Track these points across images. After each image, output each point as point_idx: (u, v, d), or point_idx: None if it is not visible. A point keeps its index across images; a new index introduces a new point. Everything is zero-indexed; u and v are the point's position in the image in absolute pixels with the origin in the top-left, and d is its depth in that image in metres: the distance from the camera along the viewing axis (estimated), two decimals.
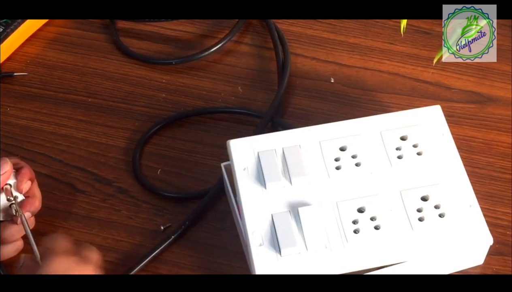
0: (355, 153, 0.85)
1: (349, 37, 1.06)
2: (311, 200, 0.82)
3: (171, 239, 0.87)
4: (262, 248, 0.79)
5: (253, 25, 1.08)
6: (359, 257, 0.79)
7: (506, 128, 0.96)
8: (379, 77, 1.02)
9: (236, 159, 0.85)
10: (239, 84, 1.01)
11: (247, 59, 1.05)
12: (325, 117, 0.97)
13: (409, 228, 0.80)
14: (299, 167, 0.83)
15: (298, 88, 1.01)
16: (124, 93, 1.01)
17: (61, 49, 1.06)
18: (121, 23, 1.08)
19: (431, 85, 1.00)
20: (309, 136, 0.86)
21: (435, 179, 0.83)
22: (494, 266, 0.85)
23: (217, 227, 0.89)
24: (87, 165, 0.94)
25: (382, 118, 0.87)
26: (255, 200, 0.82)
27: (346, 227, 0.80)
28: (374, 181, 0.83)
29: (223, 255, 0.87)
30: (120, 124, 0.98)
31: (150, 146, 0.96)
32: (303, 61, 1.03)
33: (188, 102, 1.00)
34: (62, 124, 0.98)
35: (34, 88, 1.02)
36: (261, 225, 0.80)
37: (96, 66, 1.04)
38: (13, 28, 1.04)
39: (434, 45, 1.04)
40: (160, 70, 1.03)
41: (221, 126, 0.98)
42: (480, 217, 0.81)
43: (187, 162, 0.94)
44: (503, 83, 1.00)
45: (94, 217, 0.90)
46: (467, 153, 0.93)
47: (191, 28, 1.08)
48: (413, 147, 0.85)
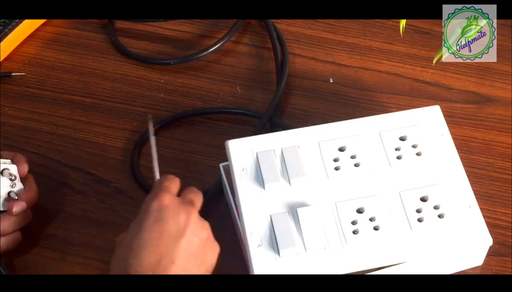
0: (354, 153, 0.84)
1: (348, 37, 1.06)
2: (310, 200, 0.82)
3: None
4: (261, 248, 0.79)
5: (252, 25, 1.08)
6: (358, 258, 0.79)
7: (506, 129, 0.96)
8: (378, 77, 1.01)
9: (234, 160, 0.84)
10: (238, 84, 1.01)
11: (245, 59, 1.04)
12: (324, 117, 0.97)
13: (408, 229, 0.80)
14: (298, 167, 0.83)
15: (297, 88, 1.01)
16: (122, 94, 1.01)
17: (59, 49, 1.06)
18: (119, 23, 1.08)
19: (430, 86, 1.00)
20: (308, 136, 0.86)
21: (435, 180, 0.83)
22: (494, 267, 0.85)
23: (216, 227, 0.89)
24: (85, 165, 0.94)
25: (381, 119, 0.87)
26: (254, 200, 0.82)
27: (345, 228, 0.80)
28: (373, 182, 0.83)
29: (222, 255, 0.86)
30: (118, 125, 0.98)
31: (148, 146, 0.96)
32: (302, 61, 1.03)
33: (186, 102, 1.00)
34: (60, 124, 0.98)
35: (32, 88, 1.02)
36: (259, 225, 0.80)
37: (94, 66, 1.04)
38: (11, 28, 1.04)
39: (434, 45, 1.04)
40: (159, 71, 1.03)
41: (219, 126, 0.97)
42: (479, 218, 0.81)
43: (186, 162, 0.94)
44: (503, 83, 1.00)
45: (92, 217, 0.90)
46: (466, 153, 0.93)
47: (190, 28, 1.08)
48: (412, 147, 0.85)
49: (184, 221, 0.75)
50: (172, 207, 0.76)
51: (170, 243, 0.73)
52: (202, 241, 0.76)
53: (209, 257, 0.77)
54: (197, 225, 0.76)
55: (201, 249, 0.76)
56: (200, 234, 0.76)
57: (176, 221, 0.75)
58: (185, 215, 0.75)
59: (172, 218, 0.75)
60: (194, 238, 0.75)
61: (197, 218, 0.76)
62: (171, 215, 0.75)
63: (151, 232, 0.74)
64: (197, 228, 0.76)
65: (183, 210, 0.76)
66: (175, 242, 0.74)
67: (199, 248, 0.75)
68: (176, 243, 0.74)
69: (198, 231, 0.76)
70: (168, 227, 0.74)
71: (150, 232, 0.74)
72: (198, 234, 0.76)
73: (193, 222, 0.76)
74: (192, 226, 0.75)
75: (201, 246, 0.76)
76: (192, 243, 0.75)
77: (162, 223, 0.74)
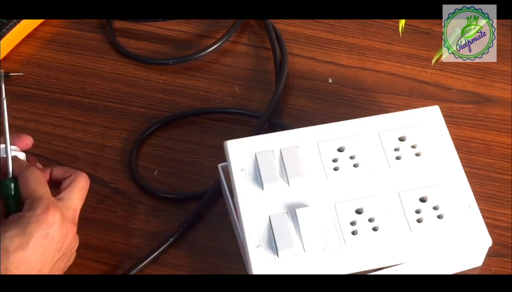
0: (353, 153, 0.84)
1: (347, 37, 1.05)
2: (309, 201, 0.81)
3: (169, 243, 0.86)
4: (260, 249, 0.79)
5: (251, 25, 1.08)
6: (357, 259, 0.78)
7: (506, 129, 0.95)
8: (377, 77, 1.01)
9: (233, 160, 0.84)
10: (237, 84, 1.01)
11: (244, 59, 1.04)
12: (323, 117, 0.96)
13: (407, 229, 0.80)
14: (297, 167, 0.83)
15: (296, 88, 1.00)
16: (120, 94, 1.01)
17: (57, 49, 1.05)
18: (117, 23, 1.08)
19: (430, 86, 1.00)
20: (307, 137, 0.86)
21: (434, 180, 0.83)
22: (493, 268, 0.85)
23: (214, 228, 0.89)
24: (83, 165, 0.94)
25: (380, 119, 0.87)
26: (253, 201, 0.82)
27: (344, 228, 0.79)
28: (372, 182, 0.83)
29: (220, 256, 0.86)
30: (117, 125, 0.98)
31: (146, 147, 0.96)
32: (300, 61, 1.03)
33: (185, 102, 0.99)
34: (58, 125, 0.98)
35: (30, 88, 1.01)
36: (258, 226, 0.80)
37: (92, 66, 1.03)
38: (8, 28, 1.03)
39: (433, 45, 1.03)
40: (157, 71, 1.03)
41: (218, 127, 0.97)
42: (479, 218, 0.81)
43: (184, 163, 0.94)
44: (503, 83, 1.00)
45: (90, 218, 0.89)
46: (466, 153, 0.93)
47: (188, 28, 1.08)
48: (411, 147, 0.85)
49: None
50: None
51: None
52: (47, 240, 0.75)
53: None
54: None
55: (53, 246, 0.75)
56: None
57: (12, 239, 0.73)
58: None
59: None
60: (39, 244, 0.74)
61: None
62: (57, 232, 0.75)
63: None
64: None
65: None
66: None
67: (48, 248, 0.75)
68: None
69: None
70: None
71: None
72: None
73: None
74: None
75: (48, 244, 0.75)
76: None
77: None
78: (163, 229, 0.88)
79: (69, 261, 0.80)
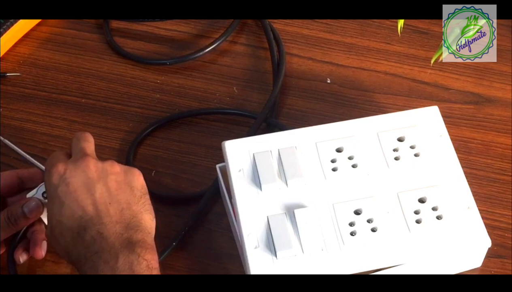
0: (351, 154, 0.84)
1: (346, 37, 1.05)
2: (307, 201, 0.81)
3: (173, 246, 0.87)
4: (258, 250, 0.79)
5: (248, 25, 1.07)
6: (356, 260, 0.78)
7: (505, 130, 0.95)
8: (376, 77, 1.01)
9: (231, 160, 0.84)
10: (234, 84, 1.01)
11: (242, 59, 1.04)
12: (321, 118, 0.96)
13: (406, 230, 0.79)
14: (295, 168, 0.83)
15: (294, 88, 1.00)
16: (118, 94, 1.00)
17: (54, 49, 1.05)
18: (115, 23, 1.07)
19: (429, 86, 1.00)
20: (305, 137, 0.85)
21: (433, 181, 0.82)
22: (493, 269, 0.85)
23: (212, 229, 0.88)
24: None
25: (379, 119, 0.87)
26: (251, 201, 0.81)
27: (342, 229, 0.79)
28: (371, 183, 0.82)
29: (218, 257, 0.86)
30: (114, 125, 0.97)
31: (144, 147, 0.95)
32: (299, 62, 1.03)
33: (182, 103, 0.99)
34: (55, 125, 0.97)
35: (27, 88, 1.01)
36: (256, 227, 0.80)
37: (89, 66, 1.03)
38: (5, 28, 1.03)
39: (432, 45, 1.03)
40: (155, 71, 1.03)
41: (216, 127, 0.97)
42: (478, 219, 0.80)
43: (182, 163, 0.94)
44: (502, 83, 0.99)
45: None
46: (465, 154, 0.92)
47: (186, 28, 1.07)
48: (410, 148, 0.84)
49: (90, 172, 0.77)
50: (70, 168, 0.77)
51: (89, 195, 0.76)
52: (116, 175, 0.78)
53: (135, 182, 0.79)
54: (101, 167, 0.78)
55: (123, 183, 0.78)
56: (110, 170, 0.78)
57: (82, 176, 0.77)
58: (84, 166, 0.78)
59: (75, 176, 0.77)
60: (108, 180, 0.77)
61: (95, 163, 0.78)
62: (73, 173, 0.77)
63: (77, 196, 0.76)
64: (104, 169, 0.78)
65: (79, 165, 0.78)
66: (94, 192, 0.76)
67: (119, 183, 0.78)
68: (95, 192, 0.76)
69: (106, 172, 0.78)
70: (78, 185, 0.77)
71: (76, 196, 0.76)
72: (108, 173, 0.78)
73: (96, 169, 0.78)
74: (98, 171, 0.78)
75: (120, 180, 0.78)
76: (109, 183, 0.77)
77: (71, 186, 0.76)
78: (160, 229, 0.87)
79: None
